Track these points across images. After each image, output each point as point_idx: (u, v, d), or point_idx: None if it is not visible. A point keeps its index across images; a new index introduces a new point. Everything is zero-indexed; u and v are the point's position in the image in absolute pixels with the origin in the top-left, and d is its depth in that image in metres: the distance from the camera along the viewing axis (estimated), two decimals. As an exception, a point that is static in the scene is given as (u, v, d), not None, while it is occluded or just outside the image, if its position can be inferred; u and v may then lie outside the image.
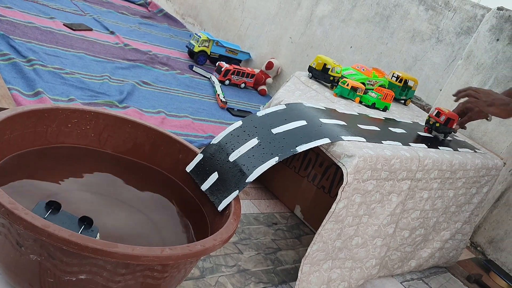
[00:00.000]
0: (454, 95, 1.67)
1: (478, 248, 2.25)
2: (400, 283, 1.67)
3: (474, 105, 1.60)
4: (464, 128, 1.75)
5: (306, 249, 1.28)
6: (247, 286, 1.31)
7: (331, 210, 1.22)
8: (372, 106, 1.75)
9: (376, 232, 1.40)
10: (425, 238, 1.68)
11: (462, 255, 2.04)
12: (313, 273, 1.30)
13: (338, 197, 1.21)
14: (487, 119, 1.71)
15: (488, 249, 2.22)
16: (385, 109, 1.79)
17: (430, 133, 1.71)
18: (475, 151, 1.77)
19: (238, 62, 3.36)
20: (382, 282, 1.62)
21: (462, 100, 1.69)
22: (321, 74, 1.77)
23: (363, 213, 1.33)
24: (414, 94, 2.33)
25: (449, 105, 2.18)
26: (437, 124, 1.69)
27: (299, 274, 1.27)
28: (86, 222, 0.90)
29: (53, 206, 0.92)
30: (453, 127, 1.72)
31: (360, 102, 1.76)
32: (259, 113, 1.35)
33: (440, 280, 1.83)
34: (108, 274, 0.85)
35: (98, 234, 0.90)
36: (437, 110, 1.70)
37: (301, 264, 1.26)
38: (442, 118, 1.68)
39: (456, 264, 1.99)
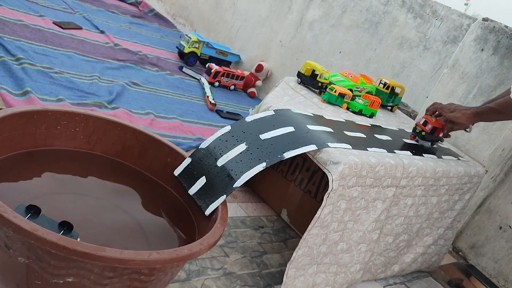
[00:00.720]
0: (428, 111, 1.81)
1: (460, 253, 2.30)
2: (383, 287, 1.70)
3: (440, 112, 1.74)
4: (448, 136, 1.79)
5: (292, 253, 1.30)
6: (232, 289, 1.33)
7: (317, 215, 1.24)
8: (359, 112, 1.78)
9: (360, 238, 1.43)
10: (408, 243, 1.71)
11: (444, 260, 2.08)
12: (298, 277, 1.32)
13: (324, 203, 1.24)
14: (466, 131, 1.75)
15: (470, 254, 2.26)
16: (371, 115, 1.82)
17: (416, 141, 1.75)
18: (459, 159, 1.81)
19: (228, 64, 3.38)
20: (365, 286, 1.65)
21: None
22: (310, 80, 1.80)
23: (348, 219, 1.36)
24: (401, 100, 2.36)
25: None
26: (423, 133, 1.72)
27: (284, 279, 1.29)
28: (66, 227, 0.91)
29: (33, 210, 0.93)
30: (440, 135, 1.76)
31: (348, 109, 1.79)
32: (248, 119, 1.37)
33: (422, 284, 1.86)
34: (95, 277, 0.86)
35: (79, 239, 0.91)
36: (424, 119, 1.74)
37: (287, 269, 1.28)
38: (429, 127, 1.72)
39: (438, 268, 2.03)
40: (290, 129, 1.32)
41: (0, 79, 1.81)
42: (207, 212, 1.14)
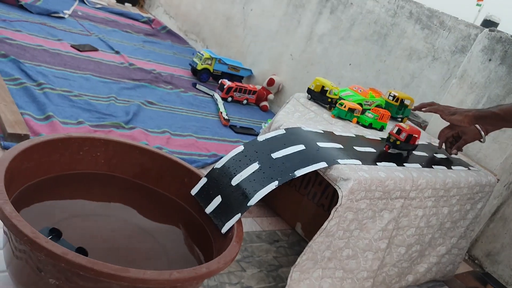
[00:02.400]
0: (416, 108, 1.77)
1: (476, 261, 2.31)
2: (398, 297, 1.73)
3: (440, 114, 1.69)
4: (461, 150, 1.81)
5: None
6: (250, 303, 1.38)
7: (323, 227, 1.29)
8: (369, 126, 1.82)
9: (367, 246, 1.46)
10: (421, 253, 1.74)
11: (460, 268, 2.10)
12: (303, 280, 1.36)
13: (331, 216, 1.28)
14: (480, 141, 1.77)
15: (486, 262, 2.27)
16: (381, 129, 1.86)
17: (392, 152, 1.69)
18: (469, 169, 1.84)
19: (240, 79, 3.45)
20: (380, 296, 1.68)
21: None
22: (319, 96, 1.85)
23: (354, 228, 1.39)
24: (411, 111, 2.40)
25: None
26: (398, 142, 1.64)
27: (288, 281, 1.33)
28: (81, 253, 0.97)
29: (55, 233, 1.00)
30: (452, 152, 1.76)
31: (358, 123, 1.83)
32: (260, 138, 1.42)
33: (438, 294, 1.89)
34: (120, 296, 0.92)
35: None
36: (397, 127, 1.65)
37: (291, 272, 1.33)
38: (403, 135, 1.63)
39: (453, 277, 2.05)
40: (301, 147, 1.37)
41: (23, 104, 1.90)
42: (223, 230, 1.19)
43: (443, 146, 1.84)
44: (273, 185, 1.24)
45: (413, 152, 1.75)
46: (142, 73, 2.89)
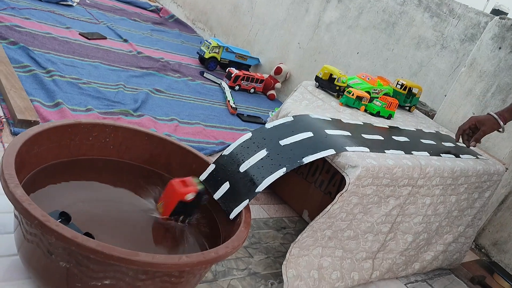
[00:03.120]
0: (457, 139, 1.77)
1: (483, 250, 2.31)
2: (404, 284, 1.74)
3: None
4: (479, 142, 1.75)
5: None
6: (257, 288, 1.39)
7: (326, 209, 1.30)
8: (377, 114, 1.82)
9: (368, 228, 1.47)
10: (428, 241, 1.74)
11: (467, 257, 2.10)
12: (302, 256, 1.37)
13: (335, 200, 1.29)
14: (499, 131, 1.71)
15: (492, 251, 2.27)
16: (389, 117, 1.85)
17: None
18: (477, 157, 1.83)
19: (247, 67, 3.44)
20: (386, 284, 1.69)
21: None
22: (327, 84, 1.84)
23: (358, 211, 1.40)
24: (419, 100, 2.39)
25: (453, 111, 2.25)
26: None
27: (287, 256, 1.35)
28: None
29: (64, 217, 1.01)
30: (470, 144, 1.72)
31: (365, 111, 1.83)
32: (268, 125, 1.43)
33: (444, 282, 1.89)
34: (130, 280, 0.93)
35: None
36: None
37: (290, 247, 1.34)
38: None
39: (460, 266, 2.05)
40: (309, 134, 1.38)
41: (33, 91, 1.91)
42: (231, 216, 1.20)
43: (460, 139, 1.78)
44: (281, 172, 1.24)
45: (422, 140, 1.74)
46: (150, 61, 2.89)
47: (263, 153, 1.31)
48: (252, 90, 3.14)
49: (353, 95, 1.78)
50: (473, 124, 1.73)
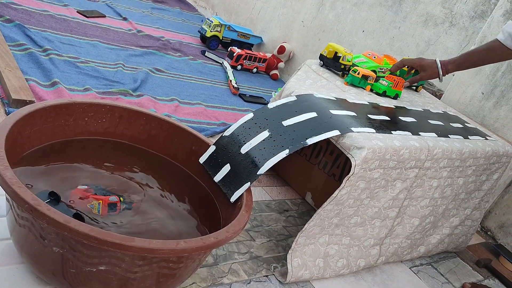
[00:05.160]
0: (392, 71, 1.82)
1: (489, 233, 2.27)
2: (409, 268, 1.71)
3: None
4: (413, 85, 1.86)
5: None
6: (259, 272, 1.36)
7: (333, 195, 1.26)
8: (383, 94, 1.76)
9: (376, 214, 1.43)
10: (434, 225, 1.70)
11: (473, 240, 2.07)
12: (308, 245, 1.34)
13: (342, 185, 1.25)
14: (439, 79, 1.76)
15: (499, 234, 2.24)
16: (396, 97, 1.79)
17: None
18: (486, 138, 1.78)
19: (250, 46, 3.36)
20: (391, 267, 1.66)
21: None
22: (332, 63, 1.78)
23: (365, 197, 1.36)
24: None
25: (461, 91, 2.18)
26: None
27: (293, 245, 1.31)
28: (78, 219, 0.94)
29: (53, 197, 0.98)
30: (403, 84, 1.77)
31: (371, 90, 1.77)
32: (270, 105, 1.38)
33: (449, 265, 1.86)
34: (126, 266, 0.89)
35: None
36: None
37: (297, 237, 1.31)
38: None
39: (466, 249, 2.02)
40: (313, 114, 1.32)
41: (29, 70, 1.86)
42: (232, 199, 1.16)
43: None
44: (284, 153, 1.20)
45: (429, 121, 1.69)
46: (150, 40, 2.82)
47: (265, 134, 1.26)
48: (254, 70, 3.07)
49: (358, 74, 1.72)
50: (416, 66, 1.80)
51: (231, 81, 2.67)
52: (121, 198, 1.13)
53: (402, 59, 1.82)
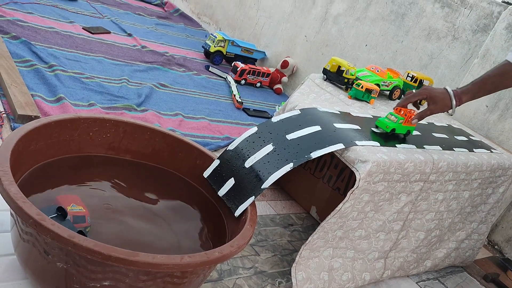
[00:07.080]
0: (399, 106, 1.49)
1: (496, 247, 2.25)
2: (416, 283, 1.69)
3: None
4: (421, 120, 1.49)
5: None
6: (264, 287, 1.35)
7: (337, 208, 1.25)
8: (391, 133, 1.47)
9: (380, 227, 1.42)
10: (440, 238, 1.69)
11: (480, 254, 2.04)
12: (312, 258, 1.33)
13: (346, 198, 1.24)
14: (449, 113, 1.49)
15: (506, 248, 2.21)
16: (407, 133, 1.51)
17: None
18: (491, 151, 1.77)
19: (253, 61, 3.38)
20: (397, 282, 1.64)
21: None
22: (336, 76, 1.79)
23: (369, 210, 1.35)
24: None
25: (465, 104, 2.17)
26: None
27: (297, 258, 1.30)
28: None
29: (60, 213, 0.97)
30: (412, 121, 1.47)
31: (377, 127, 1.49)
32: (274, 119, 1.38)
33: (457, 280, 1.84)
34: (130, 281, 0.89)
35: None
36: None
37: (301, 250, 1.30)
38: None
39: (473, 263, 1.99)
40: (317, 128, 1.32)
41: (34, 86, 1.88)
42: (237, 213, 1.15)
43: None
44: (288, 167, 1.19)
45: (433, 134, 1.69)
46: (154, 55, 2.85)
47: (269, 148, 1.26)
48: (258, 84, 3.08)
49: (362, 87, 1.73)
50: (424, 97, 1.47)
51: (235, 95, 2.69)
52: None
53: (406, 96, 1.49)
